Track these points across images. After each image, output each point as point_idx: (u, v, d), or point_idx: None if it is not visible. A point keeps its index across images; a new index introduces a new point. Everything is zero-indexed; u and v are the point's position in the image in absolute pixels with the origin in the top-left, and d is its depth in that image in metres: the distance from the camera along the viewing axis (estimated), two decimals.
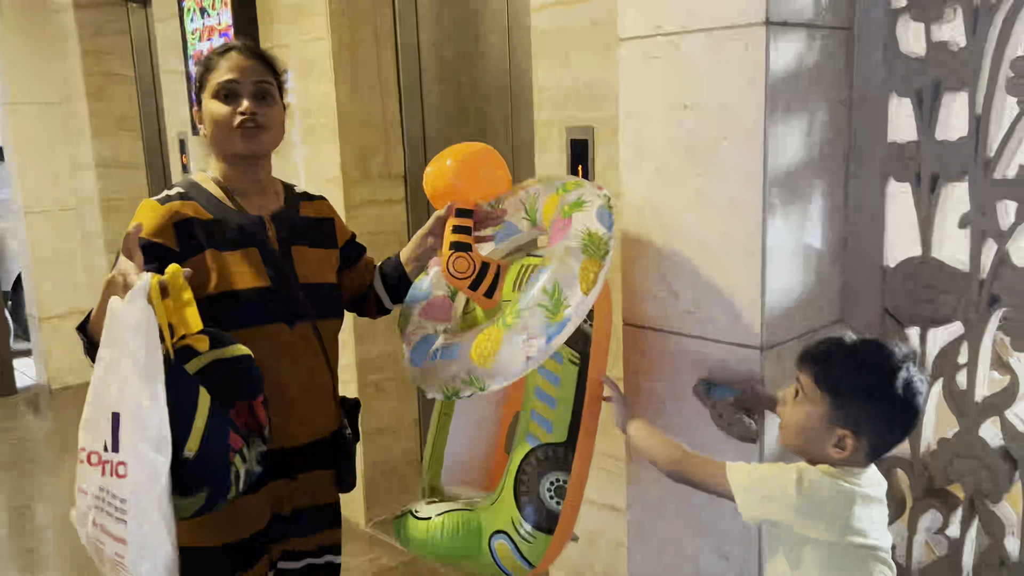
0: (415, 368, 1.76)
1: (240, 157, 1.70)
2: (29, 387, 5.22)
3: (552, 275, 1.56)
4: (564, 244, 1.60)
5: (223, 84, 1.66)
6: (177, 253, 1.58)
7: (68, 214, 5.04)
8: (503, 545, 1.68)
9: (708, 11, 1.63)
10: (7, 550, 3.31)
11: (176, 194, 1.67)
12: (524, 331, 1.54)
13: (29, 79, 4.86)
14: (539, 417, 1.69)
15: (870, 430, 1.32)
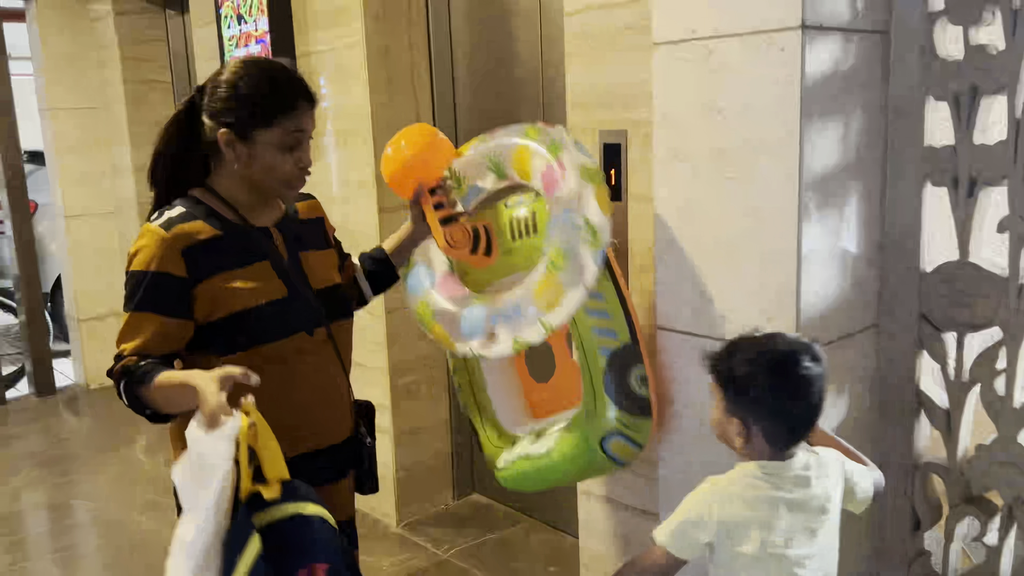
0: (470, 340, 1.84)
1: (274, 196, 1.67)
2: (67, 387, 5.31)
3: (579, 212, 1.71)
4: (570, 185, 1.74)
5: (294, 135, 1.58)
6: (185, 279, 1.55)
7: (106, 218, 5.12)
8: (618, 442, 1.88)
9: (742, 15, 1.63)
10: (46, 547, 3.37)
11: (179, 215, 1.57)
12: (578, 268, 1.69)
13: (69, 85, 4.95)
14: (601, 331, 1.86)
15: (757, 417, 1.41)
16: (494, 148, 1.95)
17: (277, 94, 1.57)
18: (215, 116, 1.57)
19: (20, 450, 4.34)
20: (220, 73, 1.61)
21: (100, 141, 5.03)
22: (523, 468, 2.04)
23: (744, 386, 1.41)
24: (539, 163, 1.82)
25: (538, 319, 1.73)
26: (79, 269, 5.11)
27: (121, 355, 1.56)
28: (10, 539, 3.42)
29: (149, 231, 1.56)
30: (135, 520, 3.46)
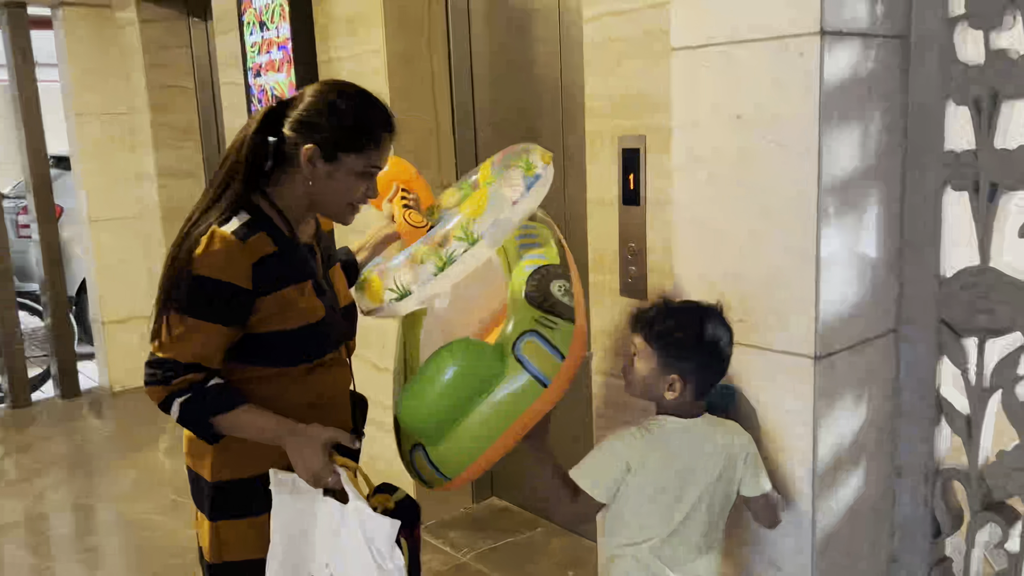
0: (397, 267, 1.81)
1: (329, 218, 1.72)
2: (92, 390, 5.38)
3: (519, 152, 1.89)
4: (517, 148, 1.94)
5: (372, 168, 1.63)
6: (250, 291, 1.55)
7: (131, 222, 5.18)
8: (531, 342, 1.66)
9: (761, 21, 1.63)
10: (71, 548, 3.42)
11: (248, 226, 1.56)
12: (508, 183, 1.79)
13: (96, 91, 5.02)
14: (532, 255, 1.88)
15: (691, 372, 1.61)
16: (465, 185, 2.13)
17: (373, 125, 1.60)
18: (302, 131, 1.58)
19: (45, 452, 4.40)
20: (316, 91, 1.61)
21: (124, 146, 5.10)
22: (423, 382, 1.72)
23: (683, 345, 1.61)
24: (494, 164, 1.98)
25: (462, 226, 1.75)
26: (103, 273, 5.18)
27: (169, 361, 1.52)
28: (36, 539, 3.47)
29: (222, 239, 1.52)
30: (157, 521, 3.50)
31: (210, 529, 1.67)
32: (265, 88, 3.60)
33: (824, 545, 1.75)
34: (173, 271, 1.55)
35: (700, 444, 1.65)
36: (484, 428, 1.68)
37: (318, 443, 1.56)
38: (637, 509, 1.65)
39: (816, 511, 1.71)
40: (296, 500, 1.61)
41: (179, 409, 1.54)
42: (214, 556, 1.67)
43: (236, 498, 1.65)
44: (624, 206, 2.15)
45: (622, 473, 1.63)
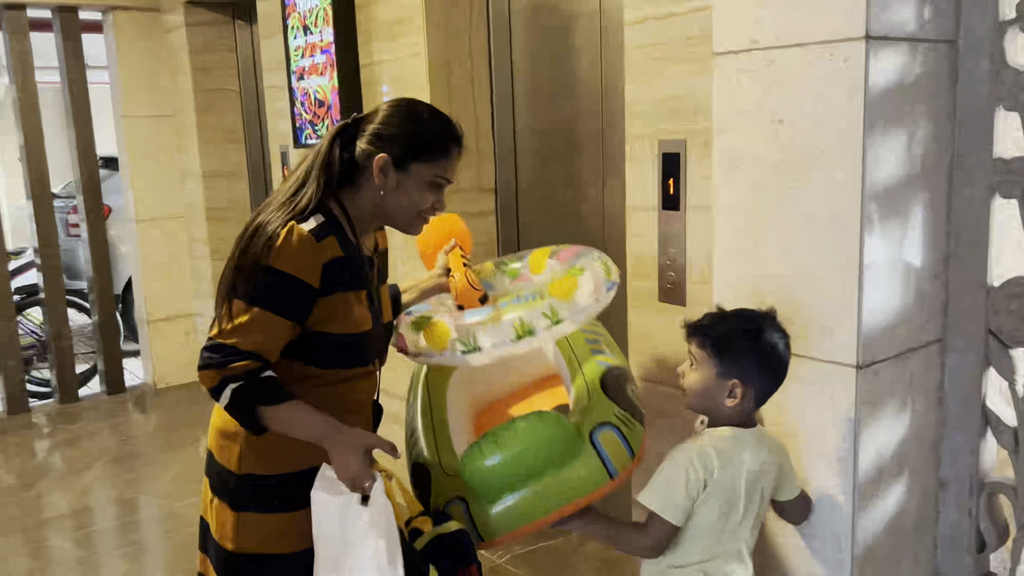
0: (474, 322, 1.83)
1: (394, 228, 1.75)
2: (136, 386, 5.48)
3: (594, 256, 1.95)
4: (585, 251, 2.01)
5: (441, 179, 1.68)
6: (316, 290, 1.59)
7: (176, 222, 5.28)
8: (608, 435, 1.73)
9: (805, 26, 1.62)
10: (115, 541, 3.48)
11: (324, 228, 1.60)
12: (593, 278, 1.85)
13: (143, 93, 5.12)
14: (599, 352, 1.97)
15: (751, 375, 1.59)
16: (508, 264, 2.20)
17: (444, 137, 1.68)
18: (376, 142, 1.65)
19: (91, 447, 4.49)
20: (390, 105, 1.69)
21: (171, 147, 5.20)
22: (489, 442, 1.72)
23: (744, 352, 1.60)
24: (554, 255, 2.08)
25: (549, 304, 1.78)
26: (149, 272, 5.28)
27: (229, 347, 1.56)
28: (82, 532, 3.54)
29: (300, 235, 1.56)
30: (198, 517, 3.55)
31: (233, 519, 1.71)
32: (308, 91, 3.64)
33: (864, 558, 1.72)
34: (246, 261, 1.58)
35: (760, 455, 1.63)
36: (541, 501, 1.70)
37: (361, 447, 1.59)
38: (702, 529, 1.61)
39: (856, 523, 1.69)
40: (335, 501, 1.62)
41: (230, 395, 1.57)
42: (237, 546, 1.71)
43: (261, 492, 1.69)
44: (664, 211, 2.15)
45: (697, 492, 1.59)
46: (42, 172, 4.98)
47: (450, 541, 1.70)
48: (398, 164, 1.64)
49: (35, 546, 3.43)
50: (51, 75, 5.42)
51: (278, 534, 1.69)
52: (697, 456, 1.59)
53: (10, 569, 3.25)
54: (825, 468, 1.71)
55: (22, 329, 5.21)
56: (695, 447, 1.61)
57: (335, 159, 1.65)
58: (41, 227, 5.02)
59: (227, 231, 5.01)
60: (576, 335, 2.02)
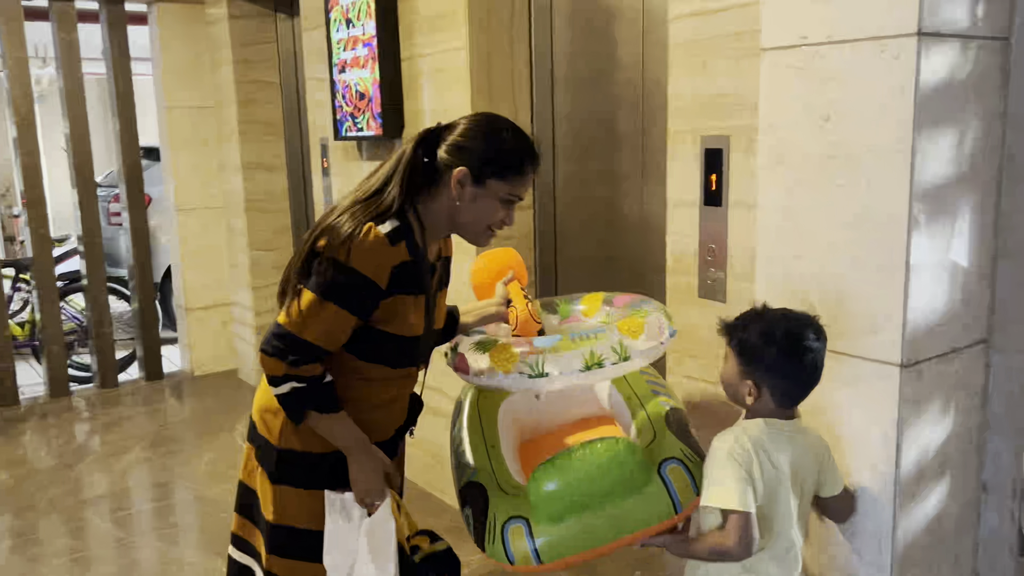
0: (543, 348, 1.83)
1: (462, 238, 1.79)
2: (174, 373, 5.56)
3: (656, 304, 1.98)
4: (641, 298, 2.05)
5: (514, 196, 1.72)
6: (382, 291, 1.64)
7: (215, 212, 5.35)
8: (676, 469, 1.76)
9: (856, 21, 1.61)
10: (151, 523, 3.55)
11: (396, 232, 1.64)
12: (657, 322, 1.88)
13: (186, 85, 5.19)
14: (660, 392, 2.02)
15: (766, 380, 1.62)
16: (560, 304, 2.22)
17: (521, 156, 1.72)
18: (456, 154, 1.69)
19: (130, 431, 4.57)
20: (473, 119, 1.74)
21: (212, 139, 5.26)
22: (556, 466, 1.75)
23: (760, 354, 1.61)
24: (608, 300, 2.12)
25: (619, 340, 1.80)
26: (188, 261, 5.35)
27: (302, 344, 1.60)
28: (121, 514, 3.61)
29: (376, 237, 1.61)
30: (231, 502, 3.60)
31: (272, 491, 1.79)
32: (349, 84, 3.67)
33: (904, 558, 1.71)
34: (323, 256, 1.62)
35: (796, 449, 1.63)
36: (607, 527, 1.72)
37: (381, 467, 1.74)
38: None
39: (897, 523, 1.68)
40: (346, 522, 1.74)
41: (289, 391, 1.64)
42: (276, 517, 1.79)
43: (298, 468, 1.77)
44: (705, 207, 2.14)
45: (748, 474, 1.58)
46: (86, 161, 5.07)
47: (442, 557, 1.87)
48: (476, 178, 1.68)
49: (75, 526, 3.50)
50: (94, 66, 5.52)
51: (311, 510, 1.76)
52: (736, 443, 1.61)
53: (51, 547, 3.33)
54: (867, 466, 1.70)
55: (65, 315, 5.31)
56: (730, 438, 1.63)
57: (418, 166, 1.69)
58: (85, 215, 5.11)
59: (266, 222, 5.07)
60: (636, 375, 2.05)
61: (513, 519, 1.75)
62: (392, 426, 1.86)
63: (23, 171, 4.94)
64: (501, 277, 2.09)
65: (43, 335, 5.07)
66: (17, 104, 4.85)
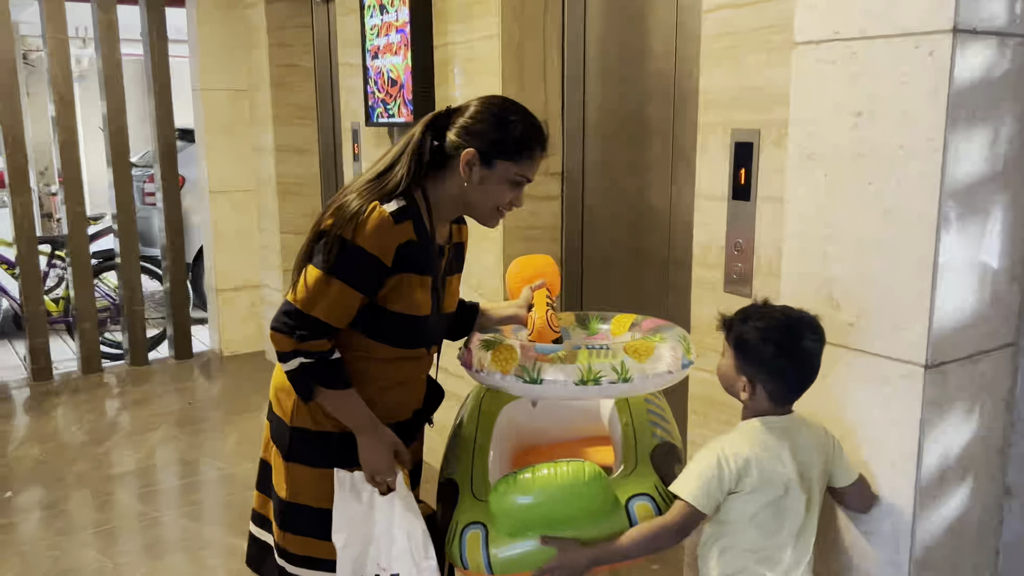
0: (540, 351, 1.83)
1: (473, 219, 1.81)
2: (203, 353, 5.65)
3: (678, 332, 1.95)
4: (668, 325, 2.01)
5: (522, 178, 1.74)
6: (388, 268, 1.67)
7: (247, 195, 5.41)
8: (644, 505, 1.72)
9: (890, 17, 1.59)
10: (178, 499, 3.61)
11: (402, 211, 1.67)
12: (672, 351, 1.85)
13: (220, 67, 5.24)
14: (657, 424, 1.97)
15: (762, 377, 1.61)
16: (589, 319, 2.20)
17: (530, 138, 1.73)
18: (466, 136, 1.71)
19: (158, 408, 4.65)
20: (482, 102, 1.75)
21: (245, 121, 5.31)
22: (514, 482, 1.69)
23: (755, 351, 1.60)
24: (638, 323, 2.08)
25: (621, 360, 1.78)
26: (219, 242, 5.42)
27: (310, 320, 1.63)
28: (147, 490, 3.68)
29: (382, 215, 1.64)
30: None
31: (285, 469, 1.83)
32: (381, 70, 3.69)
33: (923, 561, 1.70)
34: (329, 234, 1.65)
35: (798, 443, 1.63)
36: None
37: (389, 445, 1.75)
38: (746, 522, 1.61)
39: (916, 525, 1.67)
40: (356, 501, 1.75)
41: (297, 367, 1.67)
42: (290, 495, 1.82)
43: (311, 447, 1.80)
44: (733, 201, 2.13)
45: (731, 484, 1.59)
46: (123, 142, 5.14)
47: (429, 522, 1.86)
48: (484, 160, 1.70)
49: (102, 500, 3.57)
50: (133, 47, 5.58)
51: (324, 489, 1.78)
52: (729, 448, 1.60)
53: (79, 520, 3.40)
54: (887, 467, 1.68)
55: (98, 292, 5.40)
56: (726, 440, 1.63)
57: (426, 147, 1.72)
58: (119, 195, 5.19)
59: (297, 206, 5.12)
60: (639, 402, 2.03)
61: (473, 524, 1.74)
62: (408, 408, 1.87)
63: (61, 150, 5.02)
64: (539, 277, 2.08)
65: (77, 312, 5.17)
66: (57, 84, 4.93)
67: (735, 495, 1.60)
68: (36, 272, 5.06)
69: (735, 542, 1.63)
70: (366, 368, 1.76)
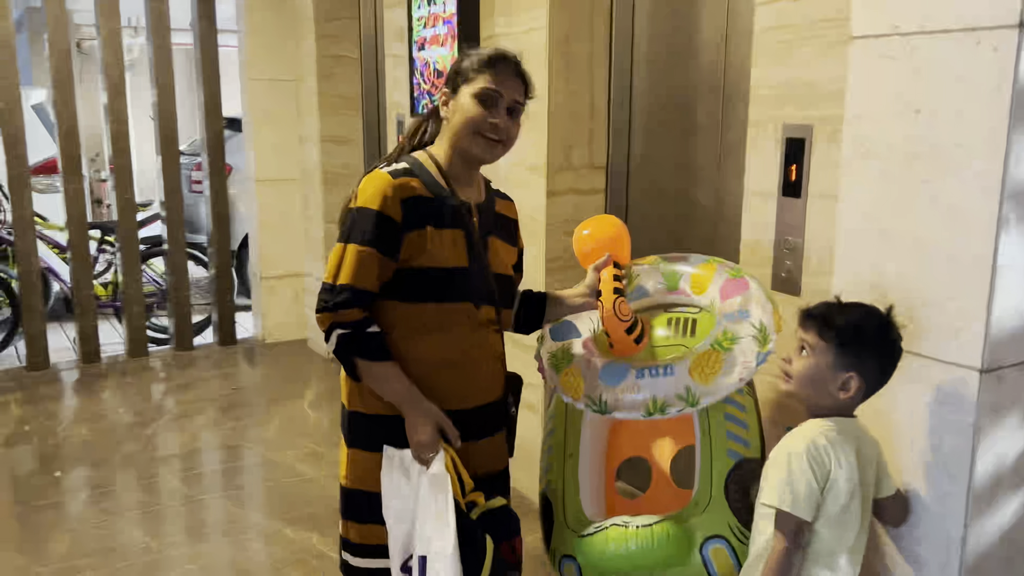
0: (607, 387, 1.82)
1: (470, 156, 1.82)
2: (246, 339, 5.72)
3: (756, 315, 1.83)
4: (750, 297, 1.88)
5: (488, 90, 1.78)
6: (399, 224, 1.72)
7: (293, 184, 5.46)
8: (720, 549, 1.74)
9: (953, 12, 1.54)
10: (220, 484, 3.66)
11: (403, 169, 1.78)
12: (741, 355, 1.77)
13: (268, 57, 5.28)
14: (735, 437, 1.86)
15: (868, 370, 1.57)
16: (671, 268, 2.08)
17: (483, 57, 1.82)
18: (444, 85, 1.85)
19: (203, 393, 4.72)
20: None
21: (292, 111, 5.36)
22: (605, 538, 1.82)
23: (861, 345, 1.56)
24: (719, 280, 1.96)
25: (686, 386, 1.75)
26: (264, 231, 5.48)
27: (338, 288, 1.70)
28: (191, 473, 3.74)
29: (379, 176, 1.75)
30: (298, 469, 3.70)
31: (346, 454, 1.87)
32: (428, 61, 3.69)
33: (974, 568, 1.66)
34: (343, 213, 1.78)
35: (863, 447, 1.61)
36: None
37: (433, 420, 1.74)
38: (821, 524, 1.58)
39: (968, 531, 1.63)
40: (404, 478, 1.75)
41: (336, 340, 1.72)
42: (349, 481, 1.87)
43: (366, 430, 1.83)
44: (783, 197, 2.10)
45: (823, 484, 1.56)
46: (172, 130, 5.22)
47: (499, 514, 1.84)
48: (452, 90, 1.82)
49: (147, 482, 3.64)
50: (183, 36, 5.65)
51: (373, 471, 1.80)
52: (814, 447, 1.56)
53: (125, 501, 3.47)
54: (939, 472, 1.65)
55: (145, 277, 5.49)
56: (806, 440, 1.58)
57: (424, 128, 1.90)
58: (168, 182, 5.27)
59: (341, 195, 5.15)
60: (717, 409, 1.90)
61: (568, 558, 1.85)
62: (466, 396, 1.84)
63: (112, 137, 5.11)
64: (604, 249, 2.01)
65: (124, 296, 5.26)
66: (109, 73, 5.01)
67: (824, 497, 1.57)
68: (86, 257, 5.16)
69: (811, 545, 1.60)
70: (416, 343, 1.77)
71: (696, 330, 1.95)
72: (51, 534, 3.16)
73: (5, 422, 4.25)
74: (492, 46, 1.87)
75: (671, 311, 2.04)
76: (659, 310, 2.09)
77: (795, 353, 1.64)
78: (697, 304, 1.99)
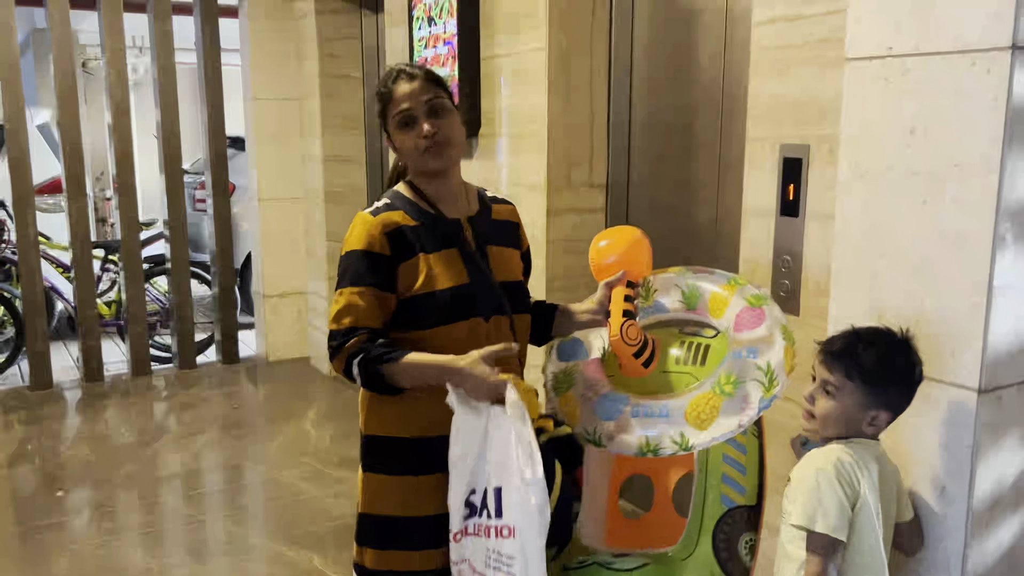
0: (605, 422, 1.81)
1: (432, 172, 1.82)
2: (249, 358, 5.72)
3: (766, 356, 1.74)
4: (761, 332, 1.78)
5: (401, 113, 1.78)
6: (390, 257, 1.73)
7: (296, 203, 5.47)
8: None
9: (947, 34, 1.55)
10: (221, 503, 3.66)
11: (384, 205, 1.80)
12: (743, 401, 1.69)
13: (272, 77, 5.31)
14: (731, 481, 1.81)
15: (896, 402, 1.57)
16: (693, 283, 1.98)
17: (380, 94, 1.84)
18: (383, 130, 1.87)
19: (205, 412, 4.72)
20: None
21: (295, 131, 5.38)
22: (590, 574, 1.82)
23: (888, 381, 1.55)
24: (736, 306, 1.86)
25: (680, 431, 1.71)
26: (267, 249, 5.49)
27: (343, 331, 1.71)
28: (193, 493, 3.74)
29: (360, 218, 1.78)
30: (300, 488, 3.69)
31: (362, 479, 1.86)
32: None
33: None
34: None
35: (885, 469, 1.60)
36: None
37: (476, 362, 1.65)
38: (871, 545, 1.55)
39: (968, 552, 1.62)
40: (475, 415, 1.67)
41: (358, 369, 1.70)
42: (365, 506, 1.85)
43: (383, 453, 1.82)
44: (781, 217, 2.10)
45: (853, 505, 1.53)
46: (175, 148, 5.25)
47: (565, 442, 1.79)
48: (387, 131, 1.84)
49: (149, 502, 3.64)
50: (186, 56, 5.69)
51: (398, 497, 1.79)
52: (840, 465, 1.54)
53: (126, 521, 3.46)
54: (938, 493, 1.64)
55: (148, 296, 5.51)
56: (832, 457, 1.55)
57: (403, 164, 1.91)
58: (171, 201, 5.29)
59: (344, 215, 5.17)
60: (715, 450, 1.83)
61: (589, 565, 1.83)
62: None
63: (116, 156, 5.14)
64: (621, 264, 1.90)
65: (128, 315, 5.28)
66: (114, 93, 5.05)
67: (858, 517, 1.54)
68: (90, 276, 5.17)
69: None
70: None
71: (708, 357, 1.87)
72: (53, 554, 3.15)
73: (8, 441, 4.26)
74: (387, 69, 1.88)
75: (686, 331, 1.97)
76: (674, 326, 2.02)
77: (817, 391, 1.60)
78: (714, 327, 1.92)
